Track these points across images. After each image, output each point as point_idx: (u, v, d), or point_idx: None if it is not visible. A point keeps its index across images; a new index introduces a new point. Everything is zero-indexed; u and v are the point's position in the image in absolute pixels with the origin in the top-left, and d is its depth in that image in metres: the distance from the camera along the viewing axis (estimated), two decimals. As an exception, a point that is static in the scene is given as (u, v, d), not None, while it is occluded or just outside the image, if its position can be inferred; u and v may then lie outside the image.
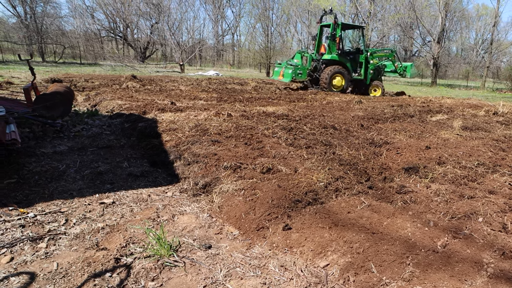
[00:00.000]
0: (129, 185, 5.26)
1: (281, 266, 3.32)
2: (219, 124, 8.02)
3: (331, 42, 22.42)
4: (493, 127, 9.50)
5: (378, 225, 3.75)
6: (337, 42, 22.22)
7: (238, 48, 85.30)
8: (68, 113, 8.92)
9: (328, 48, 22.67)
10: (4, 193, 4.59)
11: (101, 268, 3.14)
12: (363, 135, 7.98)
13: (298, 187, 4.59)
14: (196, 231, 3.99)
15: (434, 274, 2.93)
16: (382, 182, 5.16)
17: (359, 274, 3.05)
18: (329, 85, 21.77)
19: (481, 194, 4.67)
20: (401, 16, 48.61)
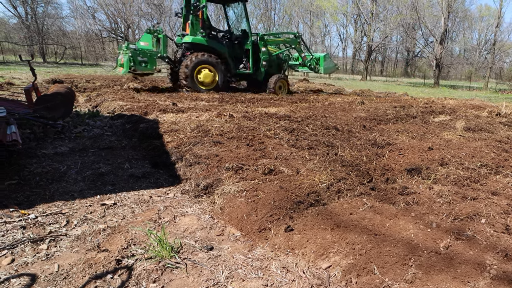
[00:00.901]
0: (131, 186, 5.25)
1: (283, 268, 3.30)
2: (221, 125, 8.01)
3: (195, 17, 16.40)
4: (496, 128, 9.47)
5: (380, 226, 3.74)
6: (200, 18, 16.29)
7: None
8: (69, 114, 8.92)
9: (191, 27, 16.50)
10: (5, 194, 4.59)
11: (102, 270, 3.13)
12: (366, 136, 7.97)
13: (300, 188, 4.57)
14: (198, 232, 3.98)
15: (436, 276, 2.91)
16: (385, 183, 5.14)
17: (362, 276, 3.04)
18: (193, 81, 16.20)
19: (484, 196, 4.64)
20: (403, 17, 48.68)
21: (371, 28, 54.62)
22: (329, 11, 60.62)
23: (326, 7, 59.02)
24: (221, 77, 16.90)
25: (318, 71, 20.61)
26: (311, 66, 20.43)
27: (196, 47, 16.53)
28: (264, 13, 64.28)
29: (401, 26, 50.74)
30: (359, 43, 62.46)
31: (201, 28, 16.49)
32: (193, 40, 16.39)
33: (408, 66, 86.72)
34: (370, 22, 54.10)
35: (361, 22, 58.55)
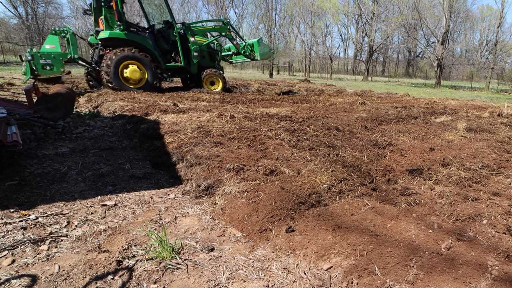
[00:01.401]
0: (131, 187, 5.25)
1: (284, 269, 3.29)
2: (222, 125, 8.01)
3: (108, 11, 15.26)
4: (497, 129, 9.45)
5: (381, 227, 3.73)
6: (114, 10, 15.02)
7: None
8: (69, 114, 8.93)
9: (106, 22, 15.34)
10: (6, 195, 4.59)
11: (103, 271, 3.12)
12: (367, 136, 7.96)
13: (301, 189, 4.56)
14: (199, 233, 3.97)
15: (438, 277, 2.90)
16: (386, 184, 5.13)
17: (363, 277, 3.02)
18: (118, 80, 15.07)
19: (486, 196, 4.63)
20: (404, 17, 48.62)
21: (372, 29, 54.68)
22: (330, 11, 60.60)
23: (327, 7, 58.99)
24: (151, 73, 15.92)
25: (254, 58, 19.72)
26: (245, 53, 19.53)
27: (115, 42, 15.44)
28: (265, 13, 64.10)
29: (402, 26, 50.71)
30: (361, 43, 62.52)
31: (117, 21, 15.25)
32: (111, 35, 15.25)
33: (409, 67, 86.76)
34: (372, 23, 54.16)
35: (363, 23, 58.64)
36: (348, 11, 63.60)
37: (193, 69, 17.68)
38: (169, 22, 17.24)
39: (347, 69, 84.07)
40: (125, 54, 15.07)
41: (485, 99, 24.54)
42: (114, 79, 15.03)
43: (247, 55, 19.54)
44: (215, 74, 17.91)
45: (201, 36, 18.25)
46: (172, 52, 17.41)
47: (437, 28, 48.74)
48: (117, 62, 15.00)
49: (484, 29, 77.84)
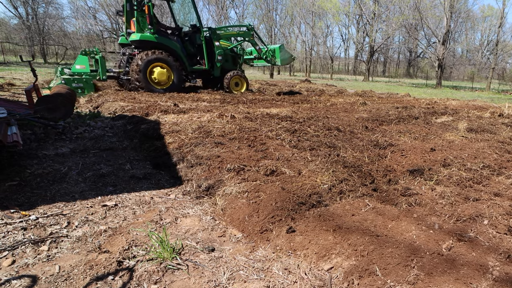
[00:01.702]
0: (132, 187, 5.25)
1: (285, 269, 3.29)
2: (222, 126, 8.00)
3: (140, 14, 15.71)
4: (498, 129, 9.45)
5: (382, 227, 3.72)
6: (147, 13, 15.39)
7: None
8: (70, 115, 8.92)
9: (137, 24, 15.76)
10: (6, 195, 4.59)
11: (103, 271, 3.12)
12: (368, 137, 7.96)
13: (302, 190, 4.56)
14: (199, 233, 3.97)
15: (439, 277, 2.90)
16: (387, 184, 5.13)
17: (364, 277, 3.02)
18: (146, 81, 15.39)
19: (487, 197, 4.63)
20: (405, 17, 48.57)
21: (373, 29, 54.61)
22: (331, 11, 60.55)
23: (328, 7, 58.96)
24: (177, 75, 16.27)
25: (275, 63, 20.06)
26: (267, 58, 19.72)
27: (145, 44, 15.84)
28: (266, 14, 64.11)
29: (403, 26, 50.66)
30: (361, 43, 62.52)
31: (148, 24, 15.69)
32: (142, 37, 15.60)
33: (410, 67, 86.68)
34: (372, 23, 54.10)
35: (363, 23, 58.59)
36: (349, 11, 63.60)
37: (216, 72, 17.98)
38: (196, 27, 17.54)
39: (348, 69, 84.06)
40: (154, 56, 15.40)
41: (486, 99, 24.52)
42: (143, 79, 15.36)
43: (268, 60, 19.71)
44: (240, 76, 18.27)
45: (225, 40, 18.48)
46: (197, 55, 17.73)
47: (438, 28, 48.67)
48: (146, 64, 15.32)
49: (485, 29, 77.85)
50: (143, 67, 15.26)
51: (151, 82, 15.65)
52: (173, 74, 16.04)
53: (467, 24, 76.28)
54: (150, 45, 15.73)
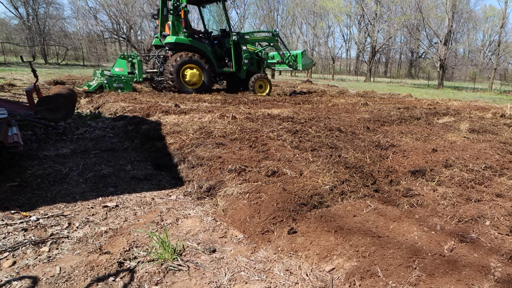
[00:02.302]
0: (133, 188, 5.24)
1: (286, 270, 3.28)
2: (224, 126, 8.00)
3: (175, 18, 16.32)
4: (500, 130, 9.43)
5: (384, 228, 3.72)
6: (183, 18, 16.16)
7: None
8: (71, 115, 8.91)
9: (173, 28, 16.46)
10: (7, 196, 4.58)
11: (104, 272, 3.11)
12: (369, 137, 7.94)
13: (303, 190, 4.55)
14: (200, 234, 3.96)
15: (440, 278, 2.89)
16: (388, 185, 5.12)
17: (365, 279, 3.01)
18: (179, 81, 16.17)
19: (489, 198, 4.62)
20: (407, 18, 48.54)
21: (374, 29, 54.56)
22: (332, 11, 60.52)
23: (330, 7, 58.94)
24: (207, 76, 17.03)
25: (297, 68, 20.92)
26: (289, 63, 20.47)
27: (179, 47, 16.52)
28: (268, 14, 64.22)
29: (405, 27, 50.67)
30: (363, 44, 62.38)
31: (183, 28, 16.45)
32: (177, 40, 16.33)
33: (412, 67, 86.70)
34: (374, 23, 54.03)
35: (365, 23, 58.50)
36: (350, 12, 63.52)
37: (242, 75, 18.67)
38: (225, 31, 18.41)
39: (349, 69, 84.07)
40: (188, 58, 16.20)
41: (488, 100, 24.48)
42: (176, 80, 16.10)
43: (290, 65, 20.49)
44: (264, 79, 19.02)
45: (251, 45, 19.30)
46: (225, 58, 18.54)
47: (439, 29, 48.66)
48: (180, 65, 16.08)
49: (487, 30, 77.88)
50: (177, 69, 16.00)
51: (183, 82, 16.41)
52: (203, 75, 16.86)
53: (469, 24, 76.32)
54: (183, 48, 16.49)
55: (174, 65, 15.96)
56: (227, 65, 18.47)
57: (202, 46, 17.09)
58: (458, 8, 46.76)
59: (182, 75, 16.35)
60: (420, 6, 44.20)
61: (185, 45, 16.51)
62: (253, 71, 19.06)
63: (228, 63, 18.51)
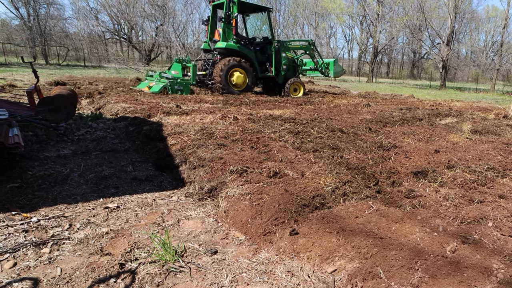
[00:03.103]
0: (134, 189, 5.23)
1: (288, 272, 3.27)
2: (225, 127, 8.00)
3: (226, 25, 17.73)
4: (503, 131, 9.42)
5: (386, 230, 3.70)
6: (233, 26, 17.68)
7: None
8: (72, 116, 8.90)
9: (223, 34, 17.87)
10: (7, 197, 4.57)
11: (105, 274, 3.10)
12: (371, 138, 7.93)
13: (305, 192, 4.54)
14: (202, 236, 3.95)
15: (443, 280, 2.87)
16: (391, 186, 5.10)
17: (367, 280, 3.00)
18: (227, 83, 17.46)
19: (491, 199, 4.60)
20: (409, 18, 48.50)
21: (377, 30, 54.56)
22: (334, 12, 60.57)
23: (332, 8, 58.97)
24: (251, 79, 18.33)
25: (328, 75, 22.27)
26: (322, 70, 21.74)
27: (228, 52, 17.78)
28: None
29: (407, 27, 50.61)
30: (365, 44, 62.37)
31: (234, 35, 17.81)
32: (227, 45, 17.57)
33: (414, 68, 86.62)
34: (376, 24, 54.05)
35: (367, 24, 58.51)
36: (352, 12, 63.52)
37: (280, 79, 19.90)
38: (267, 39, 19.76)
39: (351, 70, 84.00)
40: (235, 62, 17.52)
41: (490, 100, 24.47)
42: (224, 82, 17.40)
43: (323, 72, 21.96)
44: (299, 82, 20.33)
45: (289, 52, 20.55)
46: (266, 63, 19.85)
47: (442, 29, 48.66)
48: (228, 69, 17.39)
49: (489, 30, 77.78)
50: (226, 72, 17.29)
51: (230, 84, 17.70)
52: (248, 78, 18.23)
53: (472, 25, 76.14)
54: (231, 53, 17.84)
55: (223, 68, 17.19)
56: (268, 70, 19.72)
57: (247, 52, 18.42)
58: (461, 8, 46.63)
59: (229, 78, 17.57)
60: (422, 6, 44.19)
61: (233, 51, 17.81)
62: (289, 77, 20.12)
63: (268, 68, 19.75)
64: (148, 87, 16.87)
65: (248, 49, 18.63)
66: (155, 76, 17.52)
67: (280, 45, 19.77)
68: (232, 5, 17.52)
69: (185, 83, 17.08)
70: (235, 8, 17.47)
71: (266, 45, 19.80)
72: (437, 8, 48.03)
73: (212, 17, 19.12)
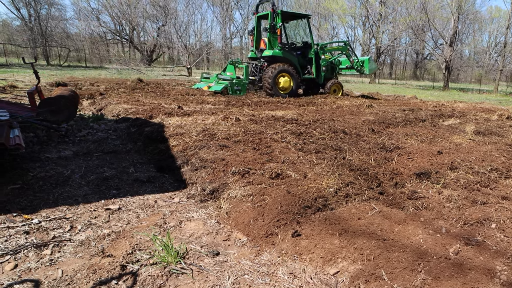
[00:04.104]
0: (135, 190, 5.22)
1: (290, 274, 3.26)
2: (227, 128, 7.98)
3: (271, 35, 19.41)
4: (506, 132, 9.39)
5: (389, 231, 3.69)
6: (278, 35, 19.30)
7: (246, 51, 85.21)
8: (73, 117, 8.90)
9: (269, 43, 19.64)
10: (8, 199, 4.56)
11: (107, 276, 3.09)
12: (374, 139, 7.91)
13: (307, 193, 4.52)
14: (204, 237, 3.94)
15: (446, 282, 2.86)
16: (393, 187, 5.09)
17: (370, 282, 2.98)
18: (275, 87, 18.91)
19: (494, 200, 4.58)
20: (412, 19, 48.40)
21: (379, 30, 54.50)
22: (337, 13, 60.51)
23: (334, 9, 58.93)
24: (295, 82, 19.50)
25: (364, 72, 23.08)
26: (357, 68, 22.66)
27: (273, 59, 19.23)
28: (272, 15, 64.13)
29: (410, 28, 50.49)
30: (368, 45, 62.27)
31: (279, 43, 19.21)
32: (273, 53, 19.06)
33: (417, 69, 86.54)
34: (379, 24, 54.00)
35: (370, 24, 58.37)
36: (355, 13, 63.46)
37: (320, 80, 21.33)
38: (307, 43, 21.17)
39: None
40: (282, 68, 18.85)
41: (493, 101, 24.43)
42: (273, 86, 18.67)
43: (358, 69, 22.83)
44: (338, 84, 21.82)
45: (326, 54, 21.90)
46: (307, 66, 21.12)
47: (445, 30, 48.60)
48: (276, 74, 18.67)
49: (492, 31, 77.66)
50: (274, 77, 18.59)
51: (277, 88, 18.97)
52: (292, 81, 19.40)
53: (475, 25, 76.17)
54: (277, 59, 19.27)
55: (271, 75, 18.52)
56: (309, 72, 20.99)
57: (291, 57, 19.83)
58: (464, 9, 46.53)
59: (277, 82, 18.85)
60: (425, 7, 44.10)
61: (278, 57, 19.23)
62: (329, 77, 21.61)
63: (309, 70, 21.02)
64: (207, 86, 19.11)
65: (291, 54, 19.95)
66: (212, 78, 20.12)
67: (320, 48, 21.19)
68: (276, 16, 18.95)
69: (242, 83, 18.96)
70: (278, 18, 18.92)
71: (306, 49, 21.10)
72: (440, 8, 48.00)
73: (257, 28, 20.62)
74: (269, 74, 18.64)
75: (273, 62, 19.22)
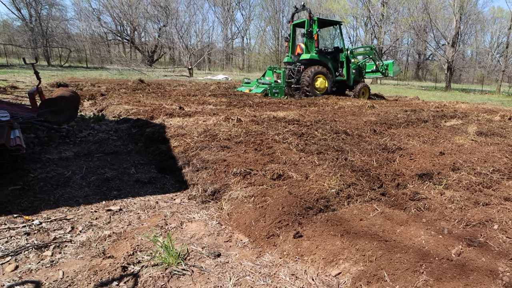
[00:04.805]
0: (137, 191, 5.21)
1: (292, 275, 3.24)
2: (229, 129, 7.98)
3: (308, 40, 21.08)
4: (508, 133, 9.37)
5: (391, 232, 3.68)
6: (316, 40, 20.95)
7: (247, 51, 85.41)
8: (74, 118, 8.90)
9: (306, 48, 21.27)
10: (9, 200, 4.56)
11: (108, 277, 3.09)
12: (376, 140, 7.90)
13: (309, 194, 4.51)
14: (205, 238, 3.93)
15: (448, 283, 2.84)
16: (395, 188, 5.07)
17: (372, 283, 2.97)
18: (312, 88, 20.50)
19: (497, 201, 4.57)
20: (414, 19, 48.35)
21: (381, 31, 54.46)
22: (338, 13, 60.38)
23: (336, 9, 58.87)
24: (330, 84, 21.07)
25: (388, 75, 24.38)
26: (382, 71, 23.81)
27: (310, 62, 20.69)
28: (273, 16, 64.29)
29: (412, 28, 50.46)
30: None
31: (316, 47, 20.69)
32: (311, 57, 20.58)
33: (419, 69, 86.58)
34: (381, 25, 53.95)
35: (372, 25, 58.33)
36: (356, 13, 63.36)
37: (349, 82, 22.51)
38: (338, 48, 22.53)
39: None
40: (318, 70, 20.51)
41: (496, 102, 24.43)
42: (310, 87, 20.18)
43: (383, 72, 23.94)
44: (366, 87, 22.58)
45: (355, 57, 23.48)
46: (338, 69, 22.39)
47: (447, 30, 48.56)
48: (313, 76, 20.28)
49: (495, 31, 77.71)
50: (311, 78, 20.18)
51: (314, 89, 20.47)
52: (327, 83, 20.99)
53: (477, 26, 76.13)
54: (313, 62, 20.79)
55: (310, 76, 20.11)
56: (340, 75, 22.27)
57: (326, 60, 21.30)
58: (466, 9, 46.54)
59: (314, 83, 20.38)
60: (428, 7, 44.09)
61: (315, 60, 20.74)
62: (357, 79, 22.89)
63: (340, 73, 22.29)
64: (248, 90, 20.80)
65: (326, 58, 21.41)
66: (252, 83, 22.02)
67: (350, 52, 22.55)
68: (312, 22, 20.65)
69: (280, 86, 20.10)
70: (315, 25, 20.61)
71: (338, 53, 22.37)
72: (442, 9, 47.98)
73: (292, 35, 22.51)
74: (308, 76, 20.12)
75: (310, 65, 20.65)
